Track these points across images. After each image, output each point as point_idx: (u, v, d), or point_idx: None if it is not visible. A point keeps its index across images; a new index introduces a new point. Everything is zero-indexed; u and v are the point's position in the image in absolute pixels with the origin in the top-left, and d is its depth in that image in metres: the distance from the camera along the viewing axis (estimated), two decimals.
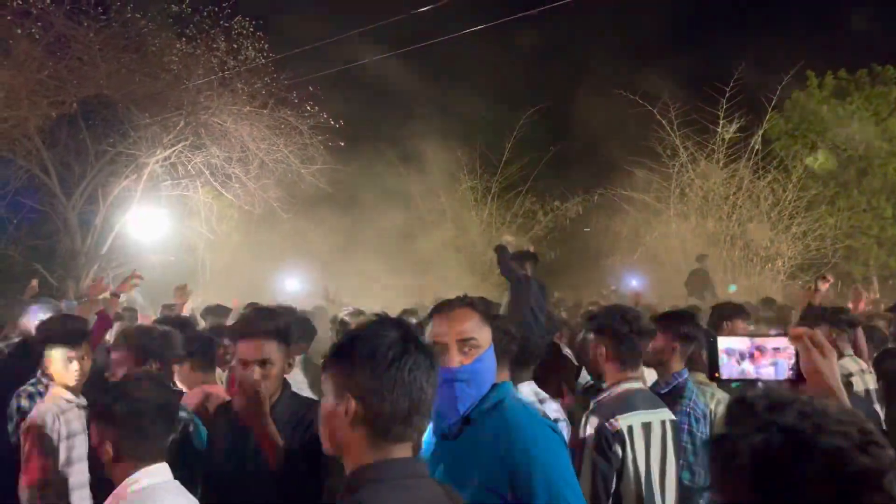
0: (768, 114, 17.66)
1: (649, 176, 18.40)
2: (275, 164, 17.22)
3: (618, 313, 3.11)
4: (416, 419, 1.56)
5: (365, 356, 1.56)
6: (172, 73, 16.31)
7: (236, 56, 16.42)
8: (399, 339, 1.57)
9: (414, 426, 1.57)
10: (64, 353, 3.72)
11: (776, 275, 17.33)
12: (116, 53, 15.54)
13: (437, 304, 2.26)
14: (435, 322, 2.15)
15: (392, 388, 1.52)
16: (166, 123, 16.21)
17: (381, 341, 1.56)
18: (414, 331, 1.63)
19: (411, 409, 1.54)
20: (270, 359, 2.76)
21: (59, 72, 14.98)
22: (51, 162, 15.78)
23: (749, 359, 1.74)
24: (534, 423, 2.07)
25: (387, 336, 1.58)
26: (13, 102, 14.25)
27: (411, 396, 1.54)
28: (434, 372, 1.61)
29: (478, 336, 2.12)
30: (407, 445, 1.59)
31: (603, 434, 2.83)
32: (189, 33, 16.20)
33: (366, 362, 1.55)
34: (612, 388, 3.04)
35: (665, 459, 2.92)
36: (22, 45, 14.34)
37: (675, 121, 17.43)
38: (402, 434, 1.56)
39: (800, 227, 17.41)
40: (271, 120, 16.83)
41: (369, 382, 1.53)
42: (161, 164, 16.58)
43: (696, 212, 18.02)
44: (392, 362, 1.54)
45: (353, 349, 1.58)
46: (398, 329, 1.60)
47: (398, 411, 1.53)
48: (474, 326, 2.13)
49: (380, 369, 1.53)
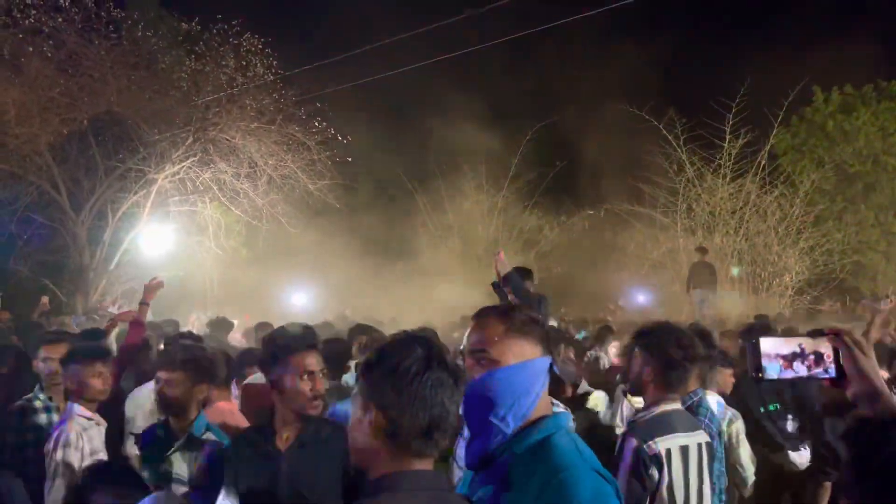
0: (775, 129, 17.67)
1: (656, 191, 18.41)
2: (283, 179, 17.30)
3: (672, 337, 3.02)
4: (436, 434, 1.60)
5: (388, 370, 1.62)
6: (182, 90, 16.48)
7: (245, 73, 16.55)
8: (422, 356, 1.62)
9: (434, 442, 1.61)
10: (93, 369, 3.73)
11: (784, 290, 17.28)
12: (127, 71, 15.70)
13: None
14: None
15: (412, 403, 1.58)
16: (175, 139, 16.34)
17: (405, 357, 1.62)
18: (437, 348, 1.67)
19: (431, 425, 1.59)
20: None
21: (71, 89, 15.15)
22: (61, 178, 15.90)
23: (790, 359, 1.76)
24: (585, 471, 1.76)
25: (410, 352, 1.63)
26: (25, 119, 14.40)
27: (431, 412, 1.59)
28: (457, 390, 1.64)
29: (492, 349, 1.88)
30: (428, 460, 1.63)
31: (640, 457, 2.78)
32: (198, 51, 16.35)
33: (388, 376, 1.61)
34: (650, 409, 2.98)
35: (702, 483, 2.88)
36: (34, 63, 14.52)
37: (682, 136, 17.46)
38: (422, 448, 1.60)
39: (807, 243, 17.37)
40: (279, 136, 16.93)
41: (391, 396, 1.59)
42: (170, 180, 16.68)
43: (702, 227, 18.00)
44: (413, 377, 1.59)
45: (378, 363, 1.65)
46: (422, 346, 1.65)
47: (417, 426, 1.58)
48: (490, 337, 1.90)
49: (401, 384, 1.59)
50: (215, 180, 17.05)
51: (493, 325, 1.92)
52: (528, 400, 1.85)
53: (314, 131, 17.16)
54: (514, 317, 1.94)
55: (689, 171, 17.72)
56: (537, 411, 1.87)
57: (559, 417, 1.90)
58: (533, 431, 1.83)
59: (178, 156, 16.36)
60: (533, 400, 1.86)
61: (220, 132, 16.42)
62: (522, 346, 1.90)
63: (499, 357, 1.87)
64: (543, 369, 1.91)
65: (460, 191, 22.16)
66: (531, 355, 1.90)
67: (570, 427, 1.94)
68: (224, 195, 17.20)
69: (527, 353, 1.89)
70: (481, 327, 1.94)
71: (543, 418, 1.86)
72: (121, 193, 16.53)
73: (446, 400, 1.60)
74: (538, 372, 1.89)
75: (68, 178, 16.31)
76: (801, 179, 17.93)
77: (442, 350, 1.67)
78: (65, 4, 14.76)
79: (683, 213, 18.15)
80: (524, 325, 1.92)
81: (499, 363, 1.87)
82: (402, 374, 1.59)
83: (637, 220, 19.17)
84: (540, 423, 1.85)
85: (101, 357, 3.79)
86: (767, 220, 17.43)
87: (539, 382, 1.89)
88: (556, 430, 1.84)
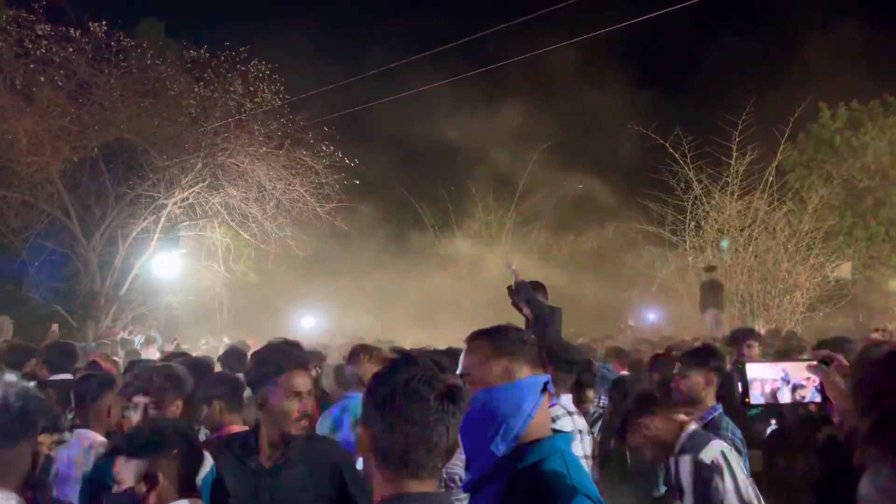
0: (781, 145, 17.64)
1: (664, 209, 18.39)
2: (291, 203, 17.40)
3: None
4: (421, 454, 1.59)
5: (375, 391, 1.65)
6: (190, 116, 16.68)
7: (253, 98, 16.73)
8: (410, 378, 1.62)
9: (422, 461, 1.60)
10: (116, 399, 3.77)
11: (795, 307, 17.14)
12: (136, 98, 15.92)
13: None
14: None
15: (397, 424, 1.59)
16: (184, 165, 16.50)
17: (391, 378, 1.64)
18: (427, 369, 1.65)
19: (418, 445, 1.59)
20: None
21: (81, 117, 15.36)
22: (72, 205, 16.07)
23: (776, 384, 1.77)
24: (574, 496, 1.71)
25: (397, 373, 1.64)
26: (36, 148, 14.58)
27: (415, 434, 1.59)
28: (447, 412, 1.62)
29: (474, 372, 1.88)
30: (428, 482, 1.62)
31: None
32: (207, 77, 16.55)
33: (376, 397, 1.63)
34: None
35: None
36: (45, 92, 14.75)
37: (689, 154, 17.46)
38: (416, 469, 1.60)
39: (817, 259, 17.26)
40: (287, 160, 17.06)
41: (375, 416, 1.62)
42: (179, 205, 16.82)
43: (711, 244, 17.93)
44: (399, 399, 1.60)
45: (371, 385, 1.68)
46: (411, 367, 1.65)
47: (402, 446, 1.59)
48: (473, 362, 1.90)
49: (387, 405, 1.60)
50: (224, 205, 17.18)
51: (480, 348, 1.91)
52: (519, 420, 1.81)
53: (322, 155, 17.28)
54: (501, 337, 1.92)
55: (697, 189, 17.70)
56: (533, 432, 1.82)
57: (555, 440, 1.85)
58: (527, 454, 1.79)
59: (187, 181, 16.50)
60: (525, 420, 1.81)
61: (229, 157, 16.57)
62: (510, 367, 1.86)
63: (484, 379, 1.86)
64: (535, 388, 1.86)
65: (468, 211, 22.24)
66: (520, 375, 1.86)
67: (568, 448, 1.89)
68: (233, 219, 17.31)
69: (515, 374, 1.86)
70: (470, 350, 1.94)
71: (538, 441, 1.82)
72: (131, 219, 16.68)
73: (431, 419, 1.59)
74: (528, 391, 1.85)
75: (79, 205, 16.48)
76: (809, 195, 17.86)
77: (430, 370, 1.65)
78: (75, 35, 15.02)
79: (692, 230, 18.10)
80: (512, 346, 1.90)
81: (486, 385, 1.85)
82: (387, 395, 1.61)
83: (645, 238, 19.13)
84: (534, 446, 1.81)
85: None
86: (776, 237, 17.34)
87: (529, 402, 1.84)
88: (550, 453, 1.80)
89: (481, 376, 1.86)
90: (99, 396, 3.79)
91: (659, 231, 18.64)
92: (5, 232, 16.11)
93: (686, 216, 18.01)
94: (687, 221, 18.03)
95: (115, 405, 3.79)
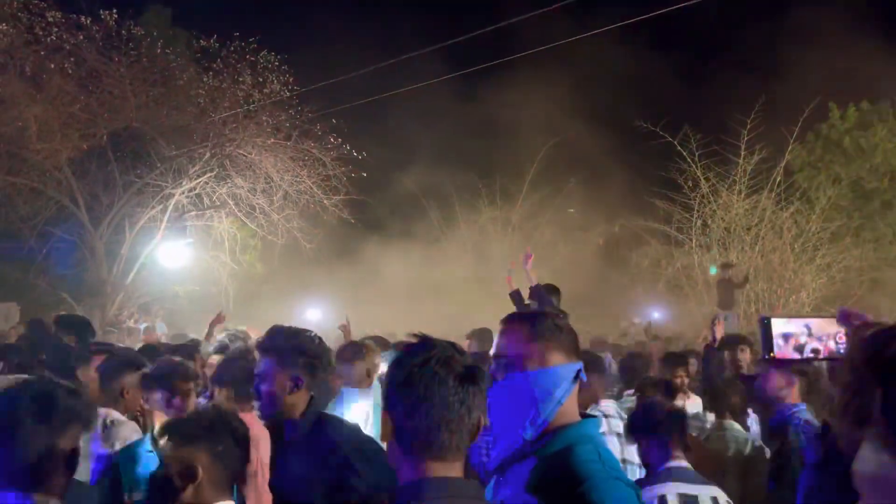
0: (790, 145, 17.60)
1: (670, 207, 18.36)
2: (298, 195, 17.41)
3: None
4: (444, 437, 1.59)
5: (393, 374, 1.66)
6: (199, 106, 16.66)
7: (262, 89, 16.71)
8: (428, 359, 1.63)
9: (448, 444, 1.60)
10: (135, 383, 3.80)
11: (801, 307, 17.11)
12: (145, 87, 15.93)
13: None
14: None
15: (416, 406, 1.59)
16: (192, 155, 16.52)
17: (409, 360, 1.64)
18: (445, 351, 1.66)
19: (440, 426, 1.59)
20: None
21: (91, 105, 15.36)
22: (80, 193, 16.09)
23: (802, 339, 1.76)
24: (606, 481, 1.75)
25: (414, 356, 1.65)
26: (46, 135, 14.61)
27: (435, 415, 1.59)
28: (468, 393, 1.62)
29: (511, 354, 1.93)
30: (451, 464, 1.62)
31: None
32: (216, 67, 16.54)
33: (395, 381, 1.65)
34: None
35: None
36: (55, 79, 14.76)
37: (697, 152, 17.42)
38: (440, 451, 1.60)
39: (824, 259, 17.22)
40: (295, 151, 17.05)
41: (397, 399, 1.63)
42: (186, 195, 16.84)
43: (717, 243, 17.91)
44: (417, 380, 1.61)
45: (390, 370, 1.69)
46: (430, 349, 1.66)
47: (422, 428, 1.59)
48: (509, 344, 1.95)
49: (405, 387, 1.62)
50: (231, 195, 17.20)
51: (517, 331, 1.95)
52: (549, 406, 1.86)
53: (330, 147, 17.28)
54: (538, 323, 1.96)
55: (704, 187, 17.67)
56: (561, 417, 1.87)
57: (585, 425, 1.90)
58: (556, 439, 1.84)
59: (195, 171, 16.52)
60: (554, 406, 1.86)
61: (237, 148, 16.58)
62: (545, 353, 1.90)
63: (518, 362, 1.90)
64: (568, 376, 1.90)
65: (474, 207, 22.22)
66: (554, 362, 1.90)
67: (597, 432, 1.94)
68: (240, 210, 17.33)
69: (549, 360, 1.90)
70: (506, 333, 1.97)
71: (568, 426, 1.87)
72: (138, 208, 16.71)
73: (451, 399, 1.59)
74: (561, 378, 1.89)
75: (87, 193, 16.51)
76: (817, 196, 17.81)
77: (448, 351, 1.66)
78: (86, 22, 15.02)
79: (698, 229, 18.07)
80: (548, 332, 1.93)
81: (520, 368, 1.89)
82: (404, 377, 1.62)
83: (651, 236, 19.11)
84: (564, 431, 1.85)
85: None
86: (783, 237, 17.31)
87: (562, 389, 1.88)
88: (579, 439, 1.84)
89: (516, 359, 1.91)
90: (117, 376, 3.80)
91: (665, 229, 18.62)
92: (14, 219, 16.17)
93: (693, 214, 18.00)
94: (694, 220, 18.02)
95: (134, 389, 3.79)
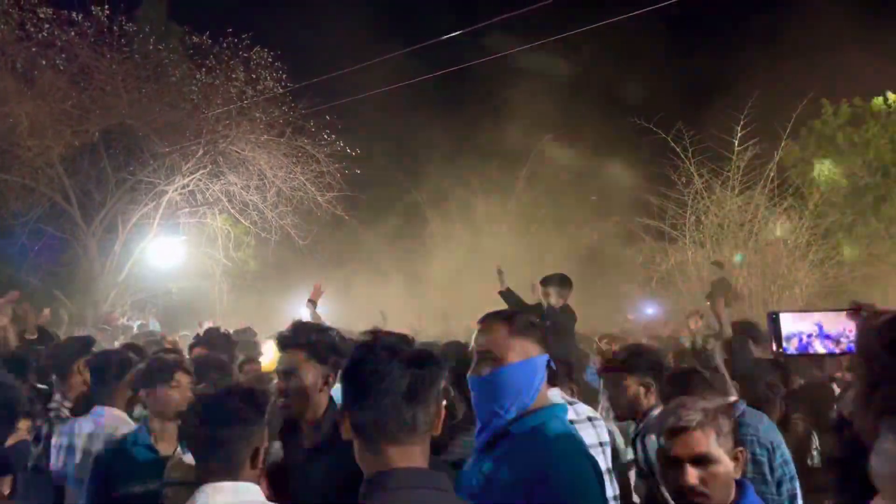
0: (783, 141, 17.62)
1: (664, 203, 18.37)
2: (292, 191, 17.38)
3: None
4: (396, 424, 1.62)
5: (344, 375, 1.74)
6: (192, 103, 16.62)
7: (255, 86, 16.67)
8: (371, 349, 1.70)
9: (400, 429, 1.63)
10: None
11: (794, 303, 17.15)
12: (138, 84, 15.87)
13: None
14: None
15: (366, 394, 1.65)
16: (185, 152, 16.46)
17: (356, 354, 1.73)
18: (389, 340, 1.73)
19: (388, 409, 1.62)
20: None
21: (83, 102, 15.30)
22: (72, 190, 16.03)
23: (811, 335, 1.75)
24: (573, 453, 2.04)
25: (360, 349, 1.73)
26: (37, 132, 14.54)
27: (383, 399, 1.63)
28: (416, 376, 1.65)
29: (496, 349, 2.11)
30: (409, 449, 1.64)
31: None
32: (209, 64, 16.49)
33: (345, 376, 1.73)
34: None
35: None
36: (47, 75, 14.69)
37: (690, 148, 17.43)
38: (394, 435, 1.63)
39: (817, 255, 17.26)
40: (288, 148, 17.02)
41: (349, 395, 1.71)
42: (180, 192, 16.79)
43: (711, 239, 17.93)
44: (363, 370, 1.67)
45: (343, 371, 1.77)
46: (371, 343, 1.72)
47: (374, 414, 1.63)
48: (495, 340, 2.14)
49: (354, 380, 1.70)
50: (225, 192, 17.16)
51: (498, 328, 2.17)
52: (530, 392, 2.11)
53: (323, 144, 17.24)
54: (516, 320, 2.18)
55: (698, 183, 17.67)
56: (537, 402, 2.12)
57: (555, 408, 2.16)
58: (531, 418, 2.08)
59: (187, 168, 16.47)
60: (533, 393, 2.12)
61: (230, 145, 16.54)
62: (524, 346, 2.14)
63: (503, 356, 2.11)
64: (542, 365, 2.16)
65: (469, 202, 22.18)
66: (532, 353, 2.14)
67: (566, 416, 2.19)
68: (233, 207, 17.30)
69: (528, 352, 2.14)
70: (487, 330, 2.18)
71: (542, 408, 2.12)
72: (131, 205, 16.65)
73: (399, 381, 1.63)
74: (538, 368, 2.14)
75: (79, 190, 16.45)
76: (810, 192, 17.84)
77: (391, 340, 1.73)
78: (77, 18, 14.98)
79: (692, 225, 18.08)
80: (524, 327, 2.17)
81: (503, 362, 2.10)
82: (350, 375, 1.72)
83: (645, 232, 19.11)
84: (538, 412, 2.10)
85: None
86: (777, 233, 17.33)
87: (538, 377, 2.14)
88: (551, 417, 2.11)
89: (501, 354, 2.11)
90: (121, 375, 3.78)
91: (659, 225, 18.63)
92: (5, 215, 16.08)
93: (686, 210, 18.01)
94: (687, 216, 18.03)
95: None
